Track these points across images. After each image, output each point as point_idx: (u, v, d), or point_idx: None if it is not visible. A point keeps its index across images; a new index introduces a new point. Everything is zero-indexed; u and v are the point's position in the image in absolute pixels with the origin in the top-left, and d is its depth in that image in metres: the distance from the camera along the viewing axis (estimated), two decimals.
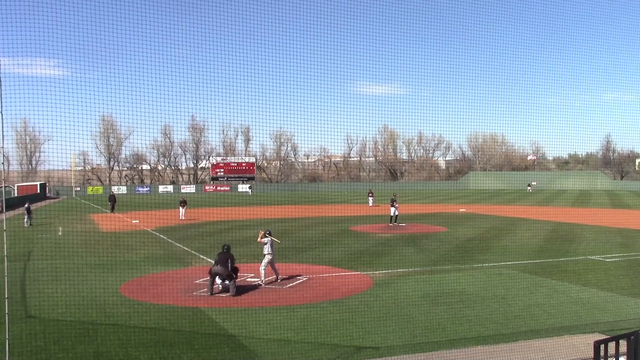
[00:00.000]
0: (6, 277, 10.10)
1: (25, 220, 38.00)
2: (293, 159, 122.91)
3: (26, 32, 11.76)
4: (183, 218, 41.45)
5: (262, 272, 17.47)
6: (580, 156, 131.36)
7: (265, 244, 17.51)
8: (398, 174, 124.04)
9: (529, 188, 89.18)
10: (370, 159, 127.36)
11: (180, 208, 42.58)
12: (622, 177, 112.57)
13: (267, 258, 17.48)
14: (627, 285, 17.29)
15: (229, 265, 15.98)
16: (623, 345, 5.93)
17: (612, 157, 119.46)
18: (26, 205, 39.38)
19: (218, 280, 16.11)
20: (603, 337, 5.01)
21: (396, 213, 36.34)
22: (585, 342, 10.95)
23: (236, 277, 16.33)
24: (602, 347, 5.31)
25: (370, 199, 56.52)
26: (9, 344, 10.01)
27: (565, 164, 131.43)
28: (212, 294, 15.92)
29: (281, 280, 17.90)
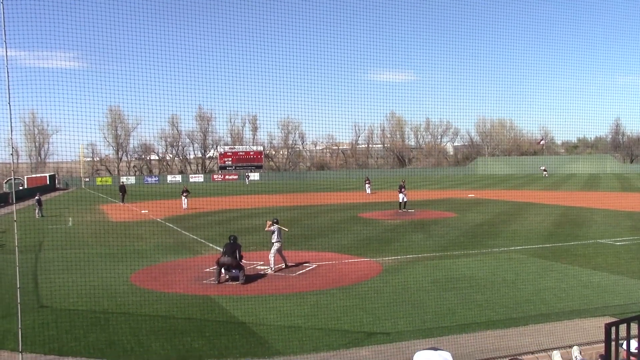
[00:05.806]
0: (17, 267, 10.18)
1: (37, 211, 38.12)
2: (300, 147, 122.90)
3: (39, 24, 11.77)
4: (186, 207, 40.73)
5: (272, 259, 17.57)
6: (589, 140, 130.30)
7: (273, 232, 17.61)
8: (406, 161, 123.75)
9: (545, 173, 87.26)
10: (378, 145, 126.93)
11: (183, 198, 41.66)
12: (632, 161, 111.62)
13: (276, 246, 17.59)
14: (637, 269, 17.21)
15: (237, 255, 16.06)
16: (634, 328, 5.92)
17: (621, 141, 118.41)
18: (37, 197, 39.37)
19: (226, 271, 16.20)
20: (614, 320, 5.01)
21: (405, 199, 36.17)
22: (595, 325, 10.91)
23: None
24: (612, 329, 5.28)
25: (367, 186, 55.68)
26: (21, 334, 10.12)
27: (574, 148, 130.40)
28: (219, 282, 16.02)
29: (289, 267, 17.98)
